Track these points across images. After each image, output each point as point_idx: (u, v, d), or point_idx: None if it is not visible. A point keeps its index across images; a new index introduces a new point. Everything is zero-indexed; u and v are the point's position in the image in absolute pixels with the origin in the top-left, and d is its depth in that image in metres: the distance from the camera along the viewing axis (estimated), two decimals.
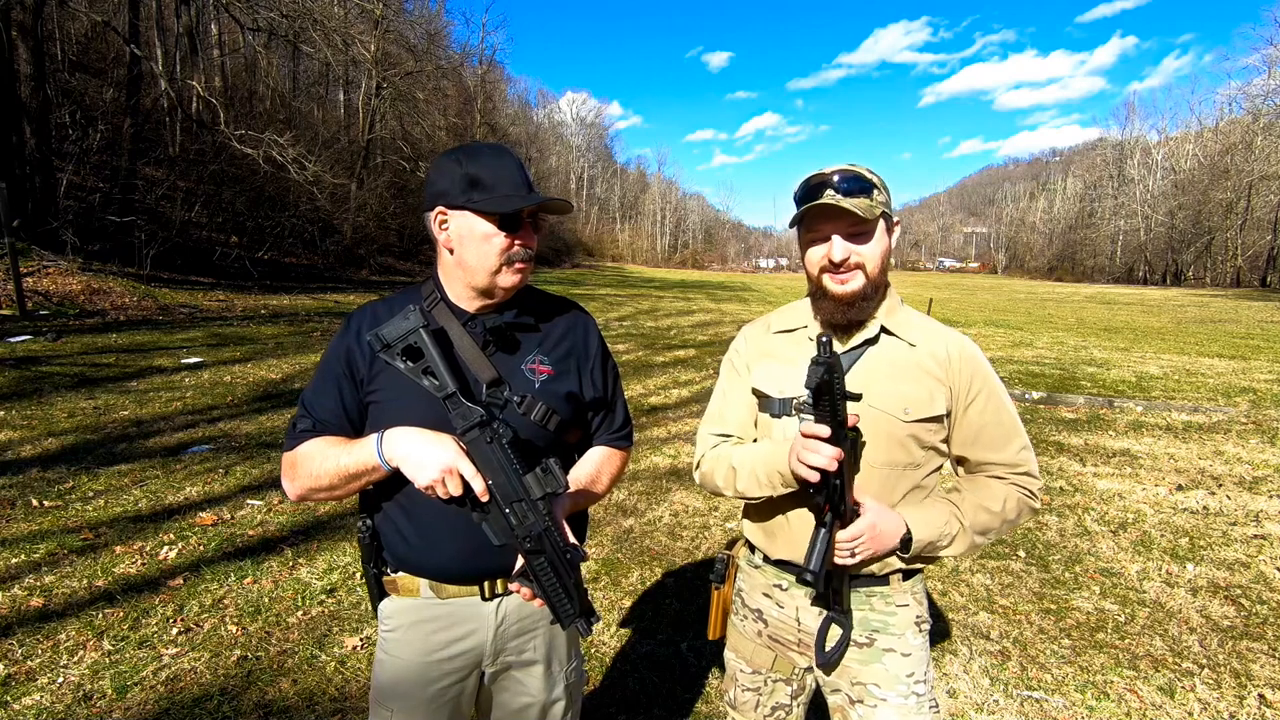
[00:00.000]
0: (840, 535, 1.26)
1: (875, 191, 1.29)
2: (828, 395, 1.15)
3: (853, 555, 1.27)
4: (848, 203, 1.25)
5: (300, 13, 18.25)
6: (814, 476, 1.20)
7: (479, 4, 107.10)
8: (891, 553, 1.32)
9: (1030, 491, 1.37)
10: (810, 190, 1.30)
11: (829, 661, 1.37)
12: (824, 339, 1.14)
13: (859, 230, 1.29)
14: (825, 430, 1.17)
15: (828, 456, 1.17)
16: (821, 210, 1.28)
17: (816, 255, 1.33)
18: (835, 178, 1.28)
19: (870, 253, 1.30)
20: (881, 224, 1.32)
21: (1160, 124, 68.31)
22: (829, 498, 1.24)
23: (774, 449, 1.34)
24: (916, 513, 1.31)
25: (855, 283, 1.31)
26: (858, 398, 1.23)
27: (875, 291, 1.34)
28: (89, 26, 19.32)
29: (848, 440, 1.22)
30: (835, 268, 1.30)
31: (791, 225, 1.37)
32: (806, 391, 1.18)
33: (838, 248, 1.29)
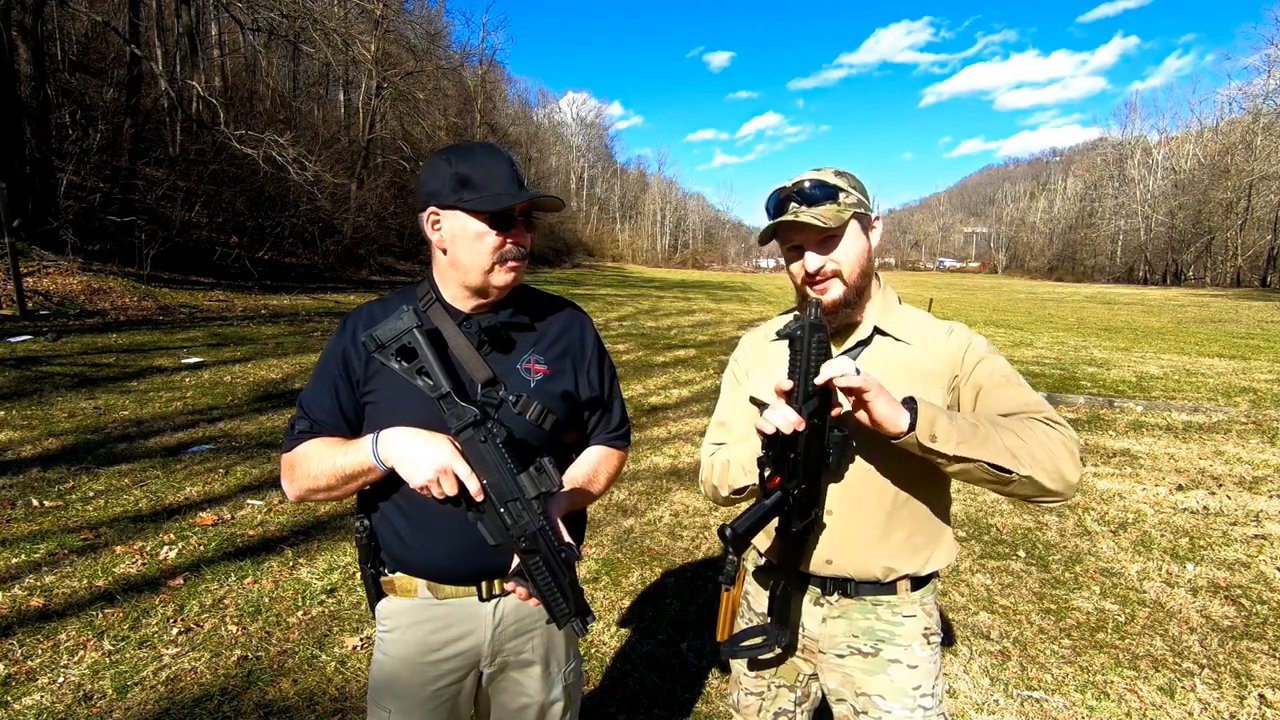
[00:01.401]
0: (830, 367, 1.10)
1: (842, 195, 1.27)
2: (800, 353, 1.12)
3: (857, 372, 1.08)
4: (808, 215, 1.24)
5: (300, 13, 18.25)
6: (768, 429, 1.14)
7: (479, 4, 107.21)
8: (896, 428, 1.10)
9: (1064, 431, 1.17)
10: (776, 206, 1.31)
11: (733, 654, 1.38)
12: (814, 301, 1.14)
13: (828, 237, 1.28)
14: (789, 384, 1.13)
15: (784, 418, 1.11)
16: (789, 225, 1.28)
17: (795, 268, 1.33)
18: (798, 190, 1.28)
19: (845, 257, 1.29)
20: (855, 225, 1.29)
21: (1161, 124, 68.34)
22: (779, 469, 1.19)
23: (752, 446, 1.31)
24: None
25: (834, 291, 1.30)
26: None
27: (857, 296, 1.33)
28: (89, 26, 19.32)
29: (830, 431, 1.19)
30: (812, 279, 1.30)
31: (762, 243, 1.38)
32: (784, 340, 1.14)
33: (810, 259, 1.29)
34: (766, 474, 1.21)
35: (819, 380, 1.11)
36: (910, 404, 1.12)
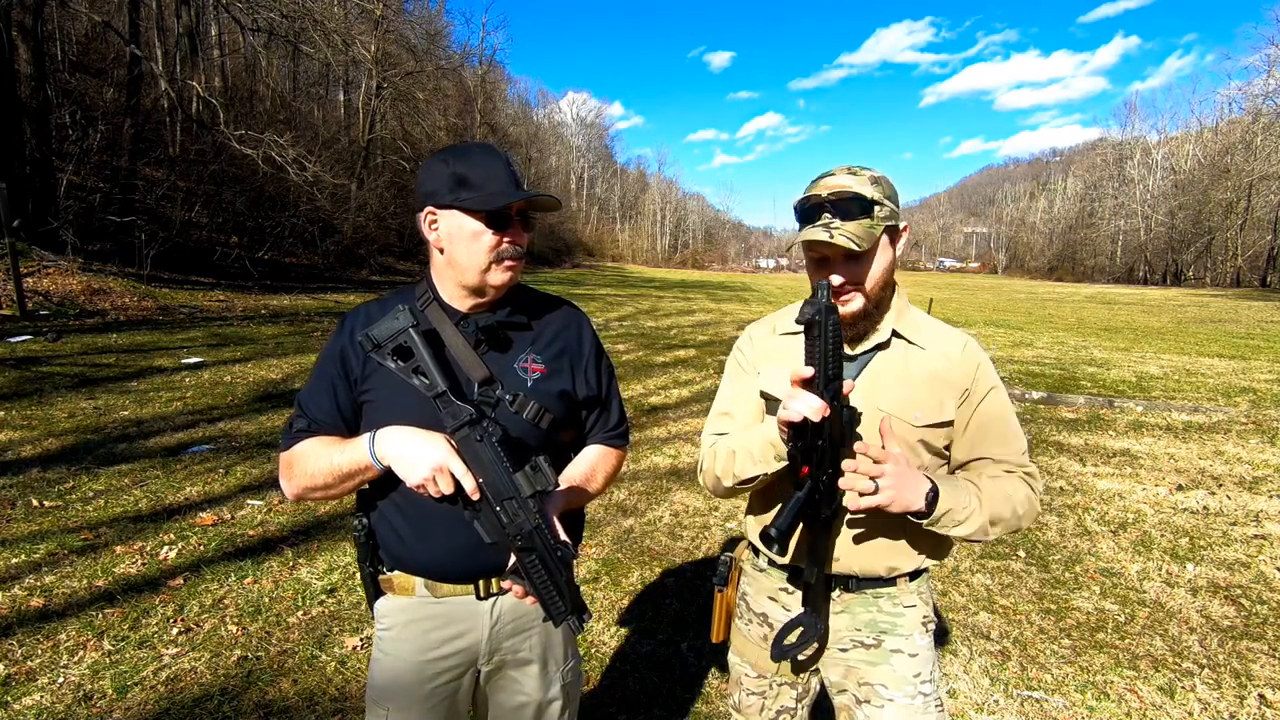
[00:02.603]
0: (856, 463, 1.15)
1: (877, 208, 1.24)
2: (819, 338, 1.11)
3: (874, 490, 1.15)
4: (842, 235, 1.21)
5: (300, 13, 18.26)
6: (795, 419, 1.13)
7: (479, 4, 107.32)
8: (910, 511, 1.19)
9: (1035, 488, 1.32)
10: (807, 213, 1.28)
11: (783, 655, 1.35)
12: (823, 284, 1.14)
13: (857, 253, 1.26)
14: (809, 371, 1.12)
15: (810, 405, 1.11)
16: (820, 241, 1.25)
17: (818, 275, 1.31)
18: (833, 200, 1.24)
19: (870, 273, 1.27)
20: (884, 239, 1.27)
21: (1160, 124, 68.40)
22: (807, 458, 1.18)
23: (769, 422, 1.29)
24: (939, 481, 1.23)
25: (855, 303, 1.29)
26: (852, 359, 1.26)
27: (877, 307, 1.32)
28: (89, 26, 19.32)
29: (843, 411, 1.18)
30: (835, 291, 1.28)
31: (790, 247, 1.37)
32: (799, 327, 1.17)
33: (835, 277, 1.26)
34: (798, 458, 1.20)
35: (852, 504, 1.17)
36: (932, 495, 1.20)
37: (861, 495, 1.16)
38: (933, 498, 1.19)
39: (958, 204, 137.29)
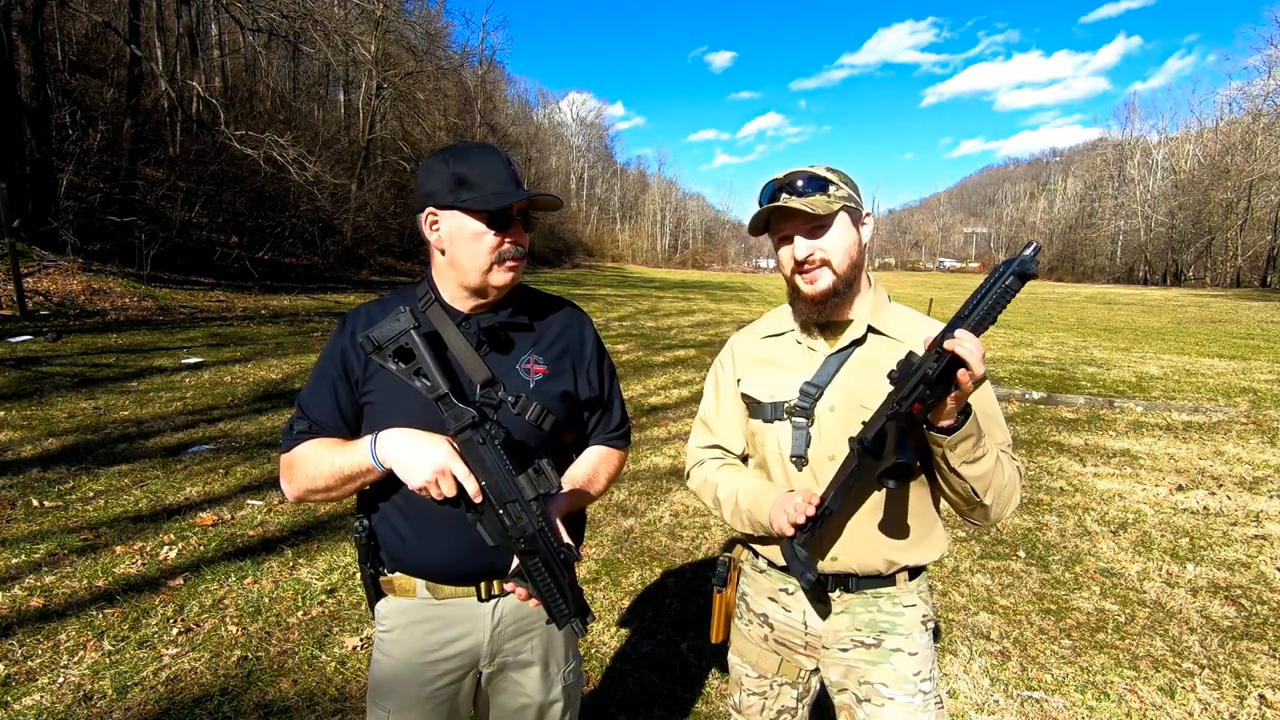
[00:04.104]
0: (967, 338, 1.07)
1: (832, 188, 1.30)
2: (1006, 295, 1.06)
3: (981, 372, 1.09)
4: (798, 202, 1.26)
5: (300, 13, 18.25)
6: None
7: (479, 4, 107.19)
8: (948, 419, 1.16)
9: (1021, 472, 1.33)
10: (769, 197, 1.33)
11: (800, 567, 1.30)
12: (1035, 244, 1.08)
13: (818, 225, 1.30)
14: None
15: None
16: (779, 212, 1.31)
17: (785, 256, 1.35)
18: (789, 182, 1.31)
19: (833, 246, 1.30)
20: (845, 217, 1.31)
21: (1160, 124, 68.24)
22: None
23: (757, 497, 1.36)
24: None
25: (824, 281, 1.31)
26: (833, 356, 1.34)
27: (847, 288, 1.33)
28: (89, 26, 19.31)
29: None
30: (801, 267, 1.32)
31: (753, 233, 1.39)
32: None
33: (800, 246, 1.30)
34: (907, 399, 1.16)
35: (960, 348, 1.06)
36: (963, 417, 1.17)
37: (970, 371, 1.08)
38: (963, 419, 1.16)
39: (958, 204, 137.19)
